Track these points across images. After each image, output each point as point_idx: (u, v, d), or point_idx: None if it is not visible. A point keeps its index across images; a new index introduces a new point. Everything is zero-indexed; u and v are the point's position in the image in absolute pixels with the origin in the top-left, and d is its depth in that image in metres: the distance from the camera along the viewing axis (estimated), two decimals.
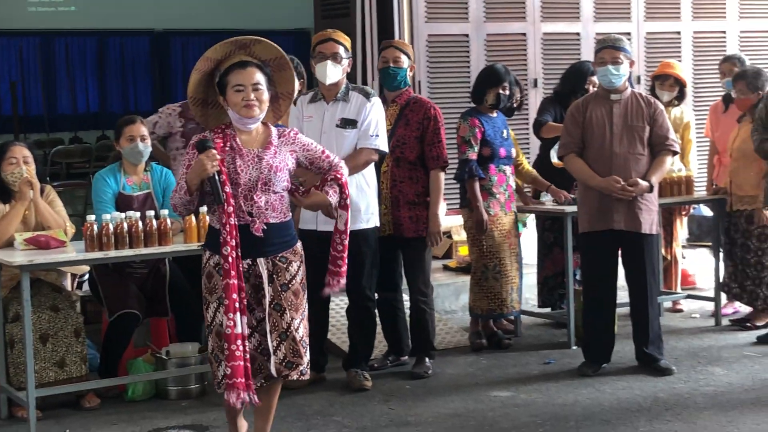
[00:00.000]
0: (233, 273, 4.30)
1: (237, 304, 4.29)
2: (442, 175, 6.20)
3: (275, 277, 4.44)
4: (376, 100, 5.93)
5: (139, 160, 5.99)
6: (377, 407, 5.62)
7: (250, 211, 4.39)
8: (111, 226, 5.42)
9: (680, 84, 7.50)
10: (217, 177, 4.31)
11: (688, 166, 7.49)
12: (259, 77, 4.40)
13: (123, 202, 5.89)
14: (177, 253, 5.67)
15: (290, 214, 4.55)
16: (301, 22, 14.47)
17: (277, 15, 15.04)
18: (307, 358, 4.51)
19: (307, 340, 4.53)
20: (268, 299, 4.41)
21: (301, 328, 4.49)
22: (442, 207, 6.21)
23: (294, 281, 4.48)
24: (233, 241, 4.31)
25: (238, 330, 4.29)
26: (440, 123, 6.18)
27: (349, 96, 5.90)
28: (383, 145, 5.89)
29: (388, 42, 6.57)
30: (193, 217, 5.56)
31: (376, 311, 6.12)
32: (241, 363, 4.29)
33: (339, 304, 6.88)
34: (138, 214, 5.54)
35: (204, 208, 5.02)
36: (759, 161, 6.70)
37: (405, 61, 6.23)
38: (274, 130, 4.51)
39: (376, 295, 6.10)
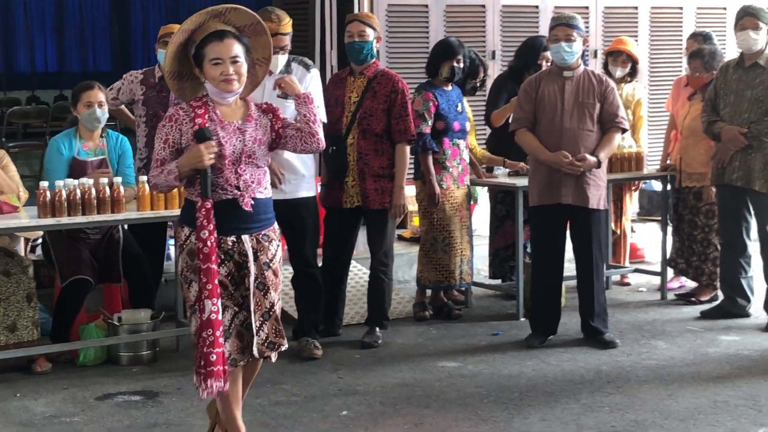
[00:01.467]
0: (214, 257, 4.18)
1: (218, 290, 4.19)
2: (408, 149, 6.25)
3: (259, 255, 4.32)
4: (315, 72, 5.99)
5: (96, 126, 6.00)
6: (326, 376, 5.70)
7: (238, 185, 4.26)
8: (64, 193, 5.44)
9: (632, 60, 7.58)
10: (209, 171, 4.18)
11: (639, 142, 7.59)
12: (237, 49, 4.23)
13: (77, 167, 5.90)
14: (130, 220, 5.72)
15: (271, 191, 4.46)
16: None
17: None
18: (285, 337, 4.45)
19: None
20: (252, 277, 4.30)
21: (278, 307, 4.41)
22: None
23: (274, 260, 4.37)
24: (210, 225, 4.18)
25: (221, 316, 4.20)
26: (408, 97, 6.22)
27: (291, 68, 5.92)
28: (322, 115, 5.91)
29: (353, 15, 6.55)
30: (146, 185, 5.59)
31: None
32: (222, 349, 4.21)
33: (291, 271, 6.93)
34: (91, 180, 5.56)
35: None
36: (708, 139, 6.81)
37: (370, 34, 6.22)
38: (252, 103, 4.38)
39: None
